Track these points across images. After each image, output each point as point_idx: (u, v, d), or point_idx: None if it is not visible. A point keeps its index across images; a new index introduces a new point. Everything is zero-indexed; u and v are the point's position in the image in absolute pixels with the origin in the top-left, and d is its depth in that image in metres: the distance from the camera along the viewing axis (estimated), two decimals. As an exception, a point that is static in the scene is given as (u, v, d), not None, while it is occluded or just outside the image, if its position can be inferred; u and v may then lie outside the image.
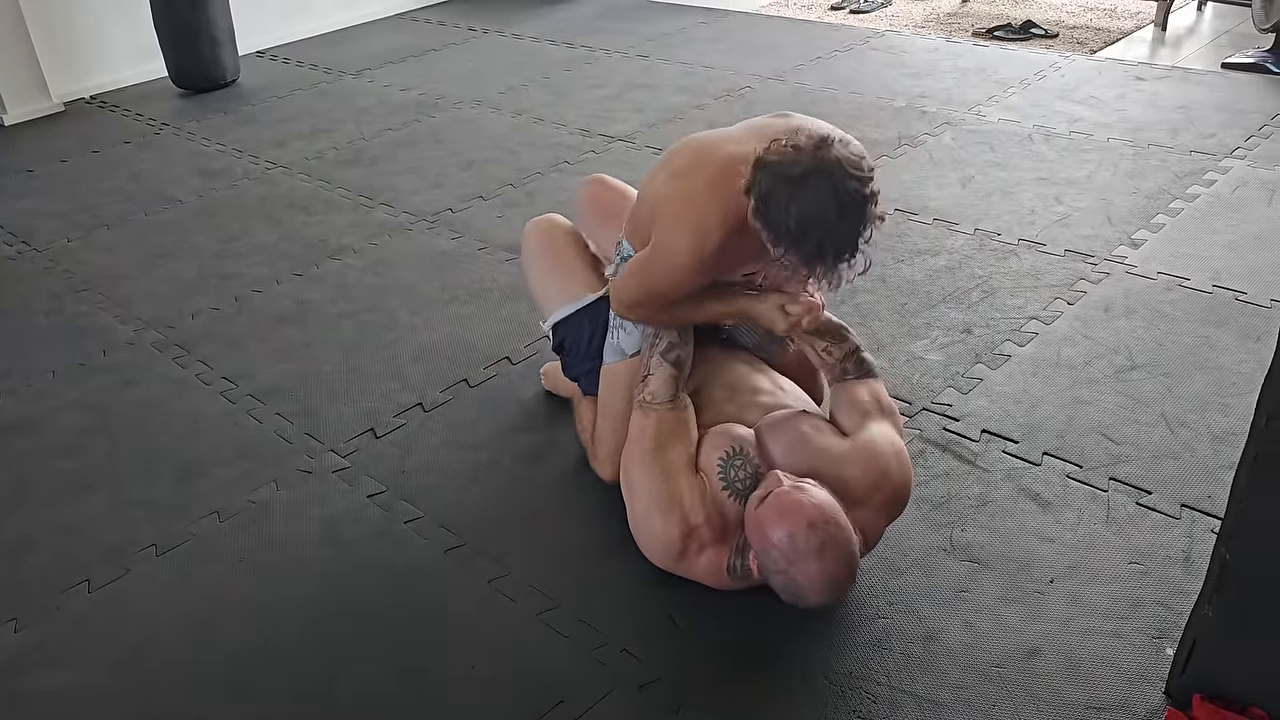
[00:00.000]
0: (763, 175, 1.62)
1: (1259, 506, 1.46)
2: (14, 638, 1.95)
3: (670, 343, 1.99)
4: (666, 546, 1.85)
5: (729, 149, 1.79)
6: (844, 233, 1.60)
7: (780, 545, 1.68)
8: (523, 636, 1.87)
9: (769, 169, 1.62)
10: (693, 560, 1.85)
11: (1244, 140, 3.71)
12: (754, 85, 4.62)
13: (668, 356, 1.98)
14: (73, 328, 3.00)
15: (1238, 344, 2.55)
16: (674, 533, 1.83)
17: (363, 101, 4.76)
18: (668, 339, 1.99)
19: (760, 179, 1.62)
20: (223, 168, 4.09)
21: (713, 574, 1.86)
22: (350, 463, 2.35)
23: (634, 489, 1.91)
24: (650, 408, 1.94)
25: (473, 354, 2.74)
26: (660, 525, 1.84)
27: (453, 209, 3.59)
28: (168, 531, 2.18)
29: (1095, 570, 1.92)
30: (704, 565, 1.85)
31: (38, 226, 3.68)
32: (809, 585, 1.68)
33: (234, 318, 2.99)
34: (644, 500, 1.88)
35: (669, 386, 1.95)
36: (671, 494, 1.83)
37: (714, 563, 1.85)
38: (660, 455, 1.88)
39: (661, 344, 1.99)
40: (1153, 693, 1.69)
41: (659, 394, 1.95)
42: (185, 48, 4.87)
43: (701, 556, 1.84)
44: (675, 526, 1.82)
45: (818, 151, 1.61)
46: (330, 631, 1.91)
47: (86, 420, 2.57)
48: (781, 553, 1.68)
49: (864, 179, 1.62)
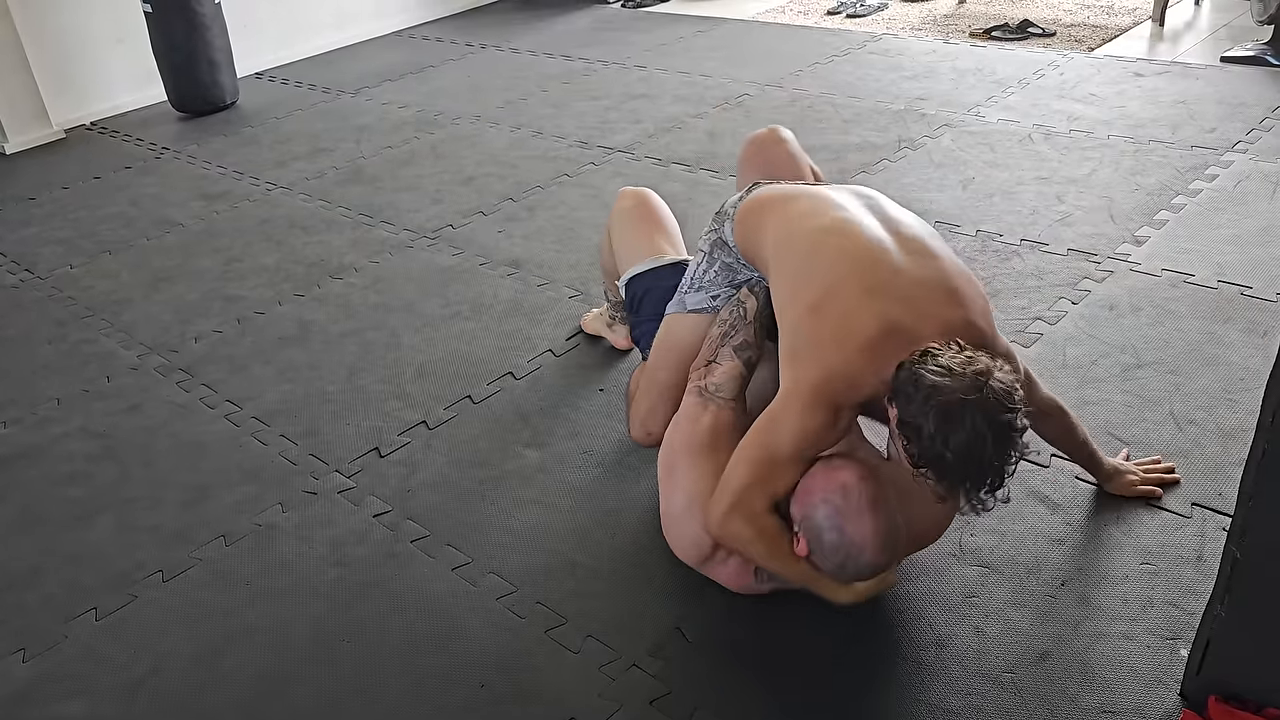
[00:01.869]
0: (910, 389, 1.55)
1: (1268, 504, 1.45)
2: (22, 668, 1.94)
3: (746, 340, 1.96)
4: (697, 546, 1.85)
5: (895, 316, 1.66)
6: (993, 468, 1.54)
7: (832, 500, 1.66)
8: (531, 653, 1.86)
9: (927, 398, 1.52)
10: (719, 563, 1.85)
11: (1245, 134, 3.69)
12: (752, 93, 4.62)
13: (741, 354, 1.95)
14: (77, 354, 3.01)
15: (1244, 339, 2.53)
16: (708, 535, 1.82)
17: (362, 120, 4.77)
18: (743, 336, 1.96)
19: (906, 392, 1.55)
20: (224, 190, 4.10)
21: (736, 577, 1.85)
22: (355, 483, 2.35)
23: (675, 479, 1.89)
24: (712, 399, 1.91)
25: (476, 370, 2.73)
26: (696, 523, 1.83)
27: (453, 225, 3.59)
28: (174, 557, 2.18)
29: (1105, 572, 1.91)
30: (731, 569, 1.85)
31: (40, 254, 3.69)
32: (864, 540, 1.65)
33: (237, 340, 2.99)
34: (684, 494, 1.86)
35: (736, 384, 1.93)
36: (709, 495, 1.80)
37: (742, 566, 1.84)
38: (713, 454, 1.85)
39: (737, 338, 1.96)
40: (1168, 695, 1.67)
41: (724, 389, 1.92)
42: (184, 72, 4.89)
43: (730, 560, 1.84)
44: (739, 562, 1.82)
45: (973, 378, 1.53)
46: (338, 653, 1.90)
47: (91, 447, 2.57)
48: (834, 507, 1.65)
49: (1018, 411, 1.54)
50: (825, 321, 1.70)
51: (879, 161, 3.75)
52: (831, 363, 1.67)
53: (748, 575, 1.85)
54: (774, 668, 1.79)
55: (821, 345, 1.69)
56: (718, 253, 2.08)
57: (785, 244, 1.88)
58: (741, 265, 2.05)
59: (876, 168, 3.71)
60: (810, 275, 1.78)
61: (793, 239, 1.87)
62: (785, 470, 1.71)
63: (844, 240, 1.80)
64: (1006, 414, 1.52)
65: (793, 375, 1.72)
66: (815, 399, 1.67)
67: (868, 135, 4.00)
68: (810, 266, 1.80)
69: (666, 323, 2.15)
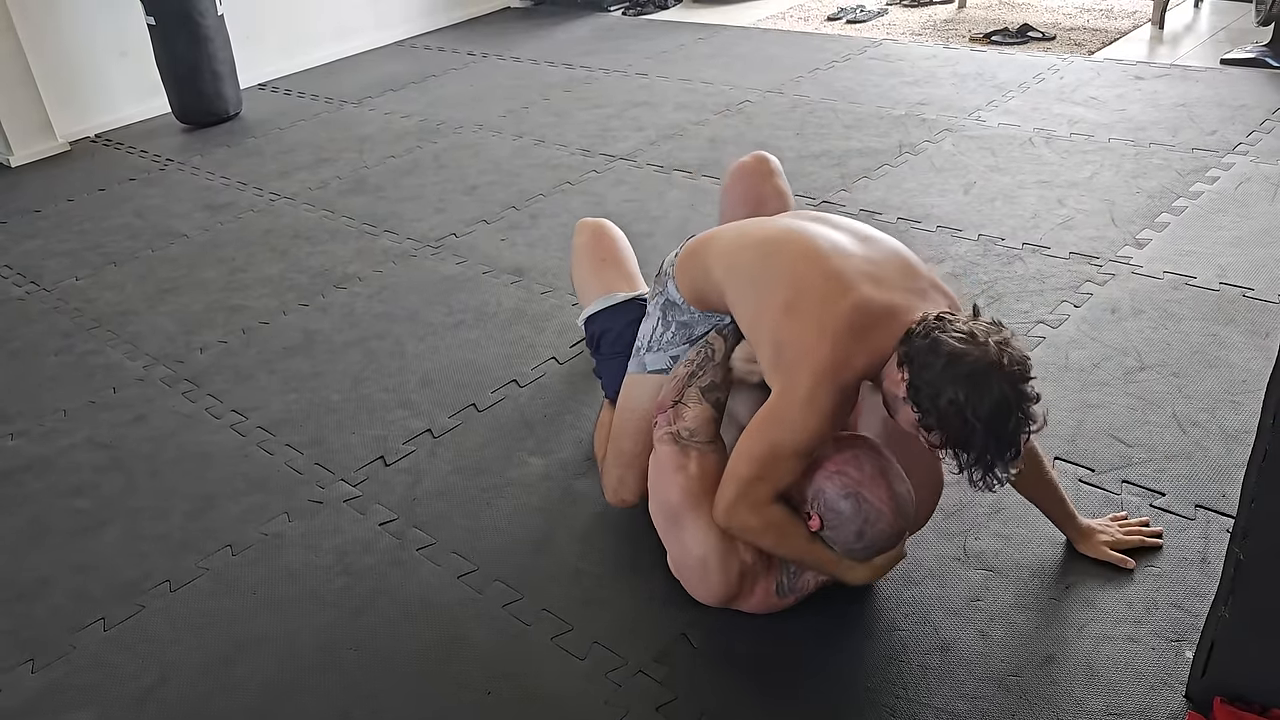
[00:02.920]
0: (929, 357, 1.53)
1: (1270, 505, 1.45)
2: (31, 679, 1.95)
3: (714, 381, 1.92)
4: (726, 592, 1.83)
5: (867, 291, 1.67)
6: (1015, 438, 1.52)
7: (846, 470, 1.68)
8: (538, 660, 1.87)
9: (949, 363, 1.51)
10: (747, 597, 1.84)
11: (1246, 136, 3.70)
12: (753, 99, 4.63)
13: (709, 395, 1.90)
14: (82, 366, 3.02)
15: (1246, 341, 2.54)
16: (733, 578, 1.81)
17: (364, 130, 4.79)
18: (710, 377, 1.92)
19: (925, 358, 1.54)
20: (227, 201, 4.12)
21: (764, 604, 1.85)
22: (361, 491, 2.36)
23: (684, 535, 1.85)
24: (690, 445, 1.87)
25: (480, 378, 2.74)
26: (718, 574, 1.81)
27: (456, 233, 3.61)
28: (181, 567, 2.19)
29: (1110, 574, 1.91)
30: (758, 598, 1.84)
31: (46, 266, 3.70)
32: (881, 504, 1.66)
33: (242, 350, 3.01)
34: (698, 547, 1.82)
35: (710, 428, 1.89)
36: (728, 541, 1.80)
37: (766, 592, 1.84)
38: (709, 499, 1.82)
39: (705, 379, 1.92)
40: (1173, 697, 1.67)
41: (699, 433, 1.88)
42: (187, 83, 4.91)
43: (756, 589, 1.83)
44: (734, 571, 1.81)
45: (997, 348, 1.52)
46: (345, 661, 1.91)
47: (98, 458, 2.58)
48: (849, 478, 1.67)
49: (1031, 380, 1.54)
50: (803, 316, 1.69)
51: (880, 167, 3.76)
52: (820, 355, 1.65)
53: (771, 597, 1.84)
54: (779, 673, 1.79)
55: (806, 340, 1.67)
56: (670, 314, 2.04)
57: (735, 265, 1.88)
58: (698, 320, 2.00)
59: (878, 173, 3.71)
60: (772, 279, 1.78)
61: (742, 255, 1.87)
62: (790, 464, 1.71)
63: (793, 242, 1.81)
64: (1028, 384, 1.52)
65: (785, 378, 1.70)
66: (814, 394, 1.65)
67: (869, 141, 4.01)
68: (769, 271, 1.80)
69: (627, 384, 2.10)
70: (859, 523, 1.68)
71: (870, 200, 3.51)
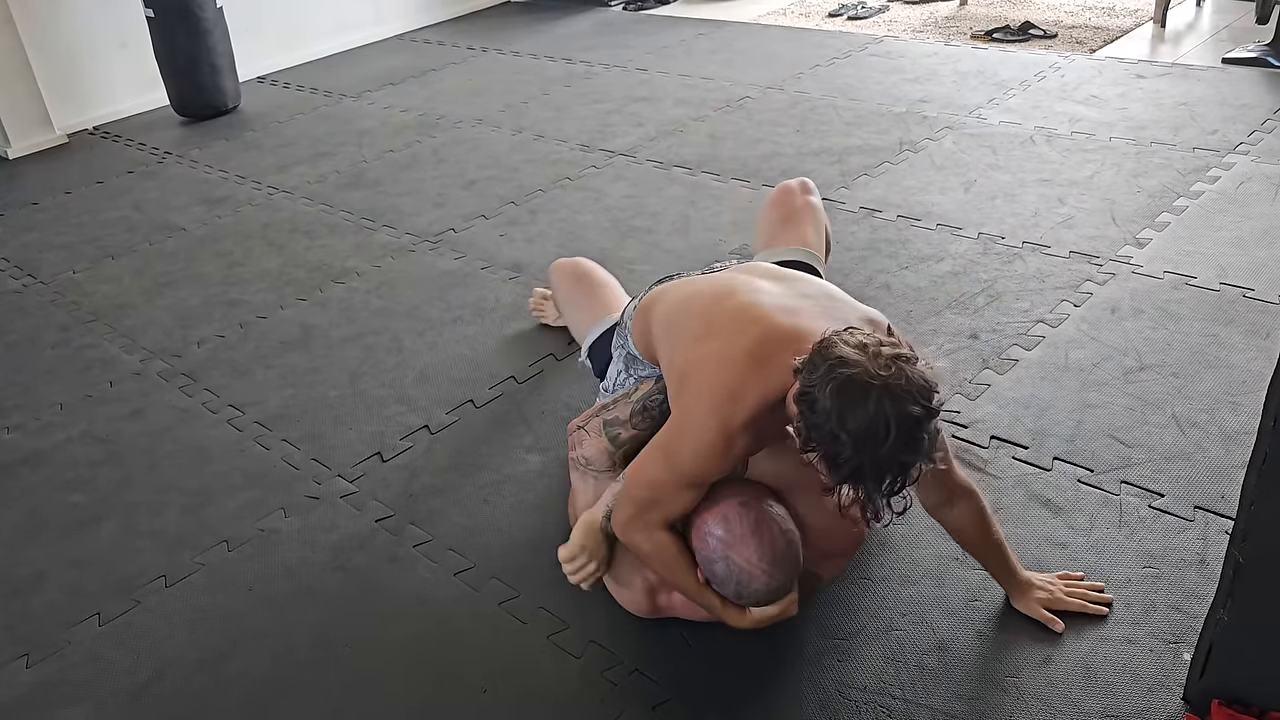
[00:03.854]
0: (817, 359, 1.45)
1: (1270, 507, 1.44)
2: (26, 673, 1.94)
3: (618, 417, 1.98)
4: (639, 608, 1.88)
5: (778, 319, 1.66)
6: (895, 463, 1.40)
7: (715, 531, 1.68)
8: (534, 659, 1.86)
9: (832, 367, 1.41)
10: (667, 602, 1.86)
11: (1247, 135, 3.69)
12: (754, 95, 4.62)
13: (609, 430, 1.97)
14: (79, 359, 3.01)
15: (1246, 341, 2.53)
16: (639, 594, 1.86)
17: (363, 124, 4.78)
18: (616, 413, 1.99)
19: (812, 363, 1.45)
20: (226, 195, 4.11)
21: (689, 607, 1.85)
22: (358, 487, 2.35)
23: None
24: (589, 472, 1.97)
25: (478, 374, 2.73)
26: (624, 591, 1.88)
27: (455, 229, 3.60)
28: (177, 562, 2.18)
29: (1108, 575, 1.90)
30: (680, 600, 1.85)
31: (43, 259, 3.69)
32: (750, 566, 1.66)
33: (239, 345, 3.00)
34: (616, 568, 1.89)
35: (605, 458, 1.97)
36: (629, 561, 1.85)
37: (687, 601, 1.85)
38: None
39: (610, 412, 1.99)
40: (1170, 699, 1.67)
41: (595, 462, 1.97)
42: (186, 76, 4.89)
43: (674, 595, 1.84)
44: (639, 588, 1.85)
45: (888, 362, 1.41)
46: (341, 657, 1.90)
47: (94, 452, 2.58)
48: (719, 539, 1.67)
49: (931, 413, 1.41)
50: (709, 346, 1.69)
51: (880, 164, 3.75)
52: (717, 386, 1.62)
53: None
54: (775, 674, 1.79)
55: (707, 370, 1.66)
56: (633, 367, 2.12)
57: (666, 314, 1.90)
58: (658, 373, 2.01)
59: (878, 170, 3.71)
60: (689, 318, 1.81)
61: (673, 305, 1.90)
62: (678, 494, 1.69)
63: (717, 285, 1.85)
64: (917, 408, 1.39)
65: (680, 409, 1.70)
66: (704, 427, 1.63)
67: (869, 138, 4.00)
68: (687, 312, 1.83)
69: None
70: (733, 584, 1.69)
71: (870, 198, 3.50)
